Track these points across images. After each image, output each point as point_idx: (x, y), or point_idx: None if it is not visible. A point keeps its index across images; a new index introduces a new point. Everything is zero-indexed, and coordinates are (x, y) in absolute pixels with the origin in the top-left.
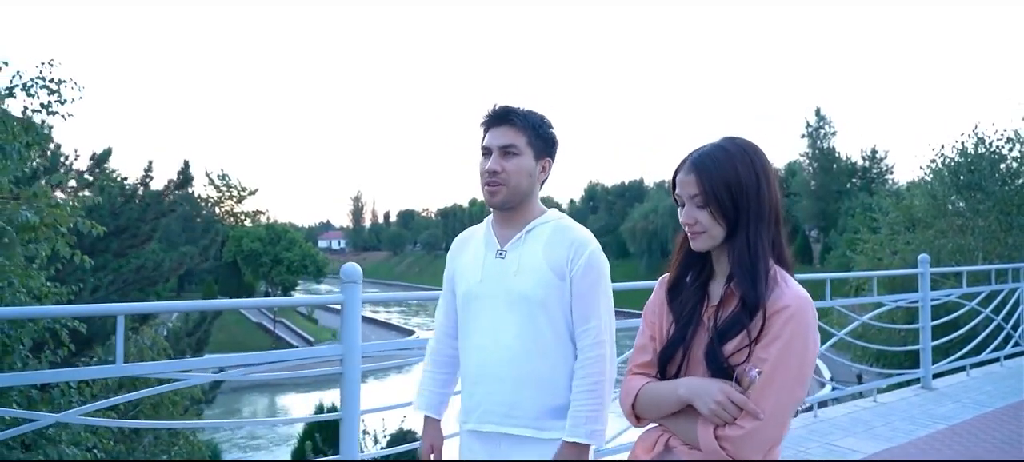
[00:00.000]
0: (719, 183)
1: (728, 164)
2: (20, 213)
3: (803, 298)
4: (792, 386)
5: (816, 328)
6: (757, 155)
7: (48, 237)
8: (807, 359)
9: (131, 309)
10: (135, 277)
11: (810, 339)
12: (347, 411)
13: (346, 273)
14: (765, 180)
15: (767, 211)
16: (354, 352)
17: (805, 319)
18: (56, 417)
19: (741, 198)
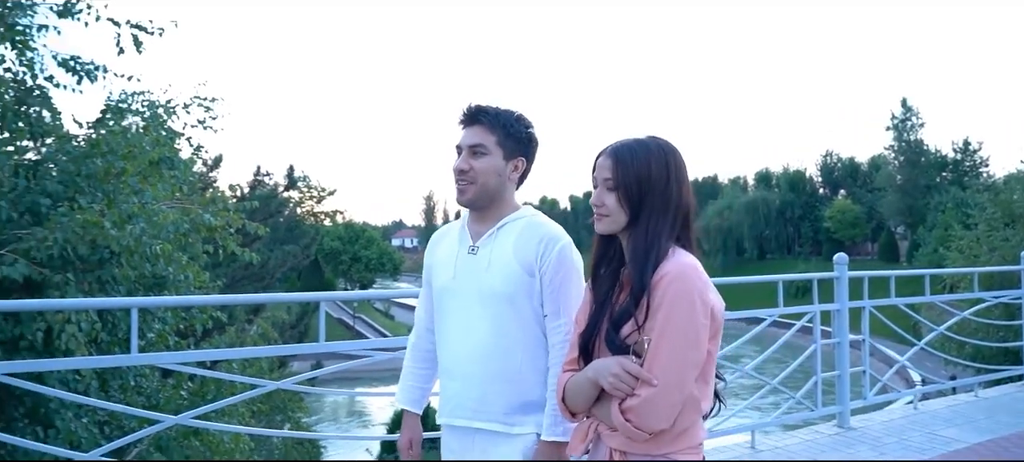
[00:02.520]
0: (631, 172)
1: (643, 157)
2: (202, 216)
3: (685, 264)
4: (682, 348)
5: (705, 291)
6: (673, 156)
7: (222, 237)
8: (695, 320)
9: (247, 300)
10: (244, 273)
11: (696, 301)
12: None
13: None
14: (675, 180)
15: (672, 208)
16: None
17: (687, 282)
18: (176, 419)
19: (648, 190)
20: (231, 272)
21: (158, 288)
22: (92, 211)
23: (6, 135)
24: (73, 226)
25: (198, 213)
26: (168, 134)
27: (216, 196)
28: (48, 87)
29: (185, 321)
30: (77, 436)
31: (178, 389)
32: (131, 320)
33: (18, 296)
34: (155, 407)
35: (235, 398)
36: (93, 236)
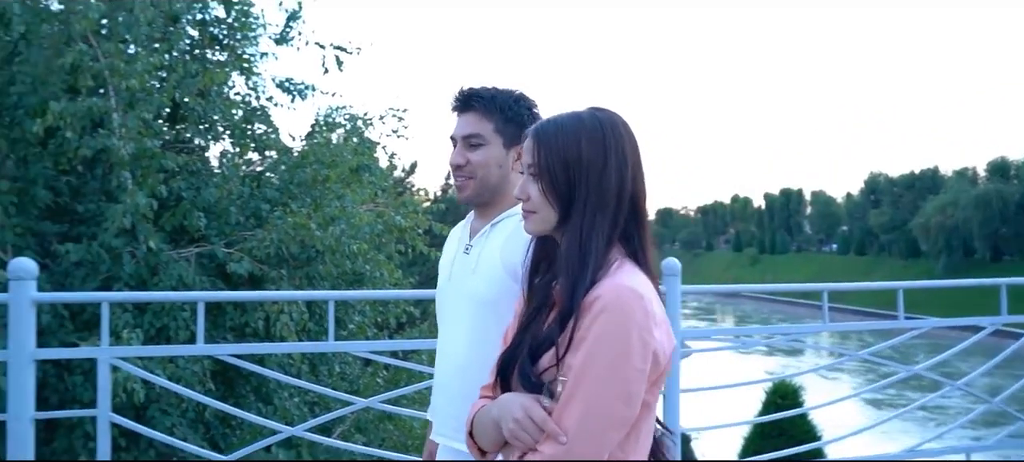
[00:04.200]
0: (556, 157)
1: (572, 136)
2: (393, 218)
3: (625, 288)
4: (604, 402)
5: (647, 328)
6: (613, 131)
7: (411, 237)
8: (626, 367)
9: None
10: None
11: (633, 341)
12: (669, 389)
13: (668, 267)
14: (615, 163)
15: (610, 200)
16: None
17: (622, 314)
18: (366, 402)
19: (579, 178)
20: (424, 270)
21: (357, 284)
22: (301, 214)
23: (237, 150)
24: (286, 228)
25: (390, 215)
26: (366, 144)
27: (406, 199)
28: (268, 106)
29: (382, 314)
30: (290, 413)
31: (375, 376)
32: (328, 311)
33: (244, 289)
34: (355, 392)
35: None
36: (302, 237)
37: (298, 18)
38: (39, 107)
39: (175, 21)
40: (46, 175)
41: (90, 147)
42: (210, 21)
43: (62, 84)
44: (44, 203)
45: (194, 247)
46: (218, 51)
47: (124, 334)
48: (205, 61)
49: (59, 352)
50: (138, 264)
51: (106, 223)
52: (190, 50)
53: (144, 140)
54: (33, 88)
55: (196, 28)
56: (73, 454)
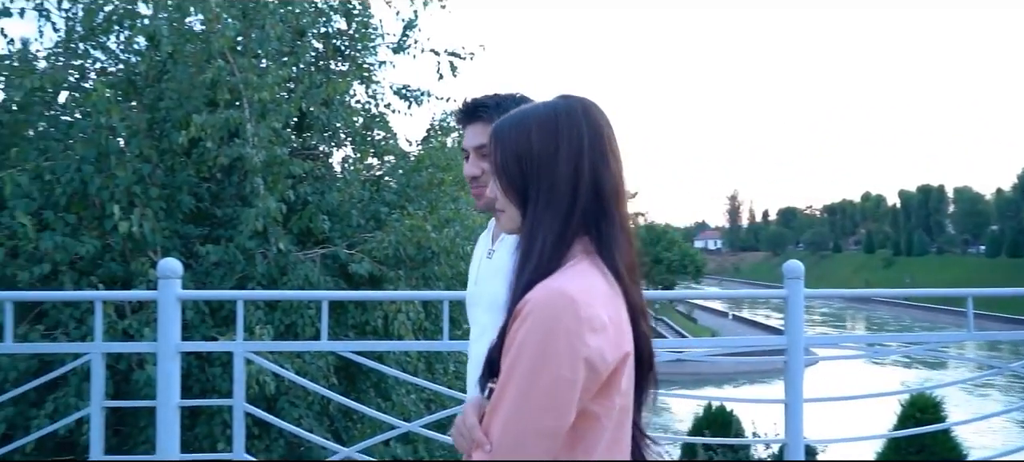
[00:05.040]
0: (510, 151)
1: (524, 128)
2: None
3: (554, 290)
4: (525, 409)
5: (580, 333)
6: (569, 117)
7: None
8: (549, 373)
9: None
10: None
11: (560, 346)
12: (792, 398)
13: (789, 270)
14: (568, 153)
15: (562, 194)
16: (798, 343)
17: (550, 318)
18: None
19: (531, 172)
20: None
21: None
22: (418, 217)
23: (358, 155)
24: (403, 230)
25: None
26: None
27: None
28: (387, 113)
29: None
30: (408, 409)
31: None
32: (443, 311)
33: (364, 288)
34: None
35: None
36: (418, 238)
37: (414, 27)
38: (184, 120)
39: (302, 35)
40: (189, 182)
41: (227, 155)
42: (333, 34)
43: (203, 98)
44: (188, 208)
45: (319, 248)
46: (340, 62)
47: (257, 330)
48: (329, 72)
49: (200, 345)
50: (269, 264)
51: (241, 226)
52: (315, 62)
53: (274, 148)
54: (179, 103)
55: (320, 41)
56: (213, 440)
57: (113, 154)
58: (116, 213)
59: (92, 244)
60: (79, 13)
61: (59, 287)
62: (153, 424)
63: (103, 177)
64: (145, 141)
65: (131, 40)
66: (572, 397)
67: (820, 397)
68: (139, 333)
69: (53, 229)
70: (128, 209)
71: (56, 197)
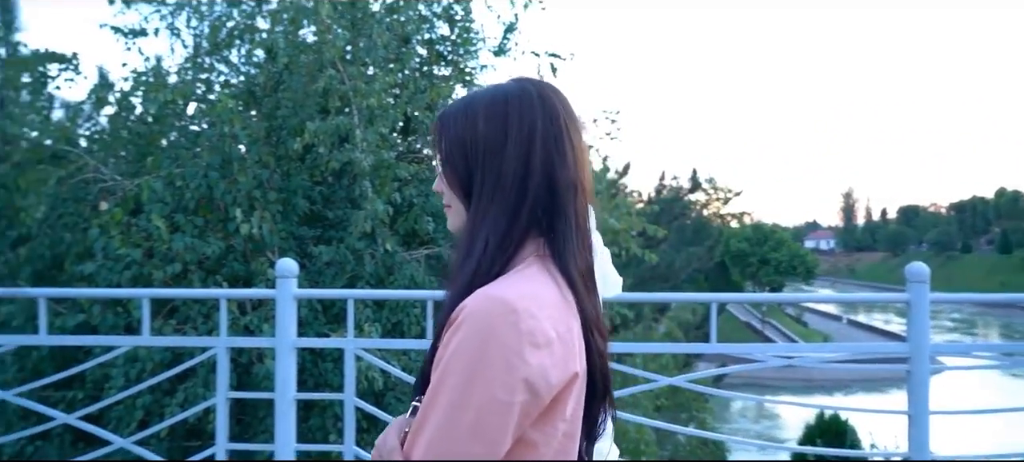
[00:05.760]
0: (454, 139)
1: (471, 114)
2: (607, 220)
3: (491, 298)
4: (450, 433)
5: (519, 350)
6: (520, 103)
7: (624, 239)
8: (480, 392)
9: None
10: (651, 274)
11: (495, 364)
12: (916, 409)
13: (913, 273)
14: (517, 139)
15: (508, 187)
16: (922, 350)
17: (478, 331)
18: None
19: (475, 162)
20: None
21: None
22: None
23: None
24: None
25: (603, 217)
26: None
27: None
28: None
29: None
30: None
31: None
32: None
33: None
34: None
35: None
36: None
37: (515, 29)
38: (298, 127)
39: (406, 42)
40: (304, 186)
41: (338, 160)
42: (436, 40)
43: (316, 106)
44: (302, 211)
45: (423, 249)
46: (443, 67)
47: (366, 327)
48: (432, 77)
49: (314, 342)
50: (377, 264)
51: (351, 227)
52: (419, 68)
53: (381, 152)
54: (294, 111)
55: (424, 47)
56: (325, 432)
57: (235, 161)
58: (238, 216)
59: (217, 245)
60: (205, 30)
61: (189, 285)
62: (272, 415)
63: (227, 182)
64: (264, 148)
65: (251, 53)
66: (506, 422)
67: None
68: (259, 329)
69: (183, 231)
70: (249, 212)
71: (186, 201)
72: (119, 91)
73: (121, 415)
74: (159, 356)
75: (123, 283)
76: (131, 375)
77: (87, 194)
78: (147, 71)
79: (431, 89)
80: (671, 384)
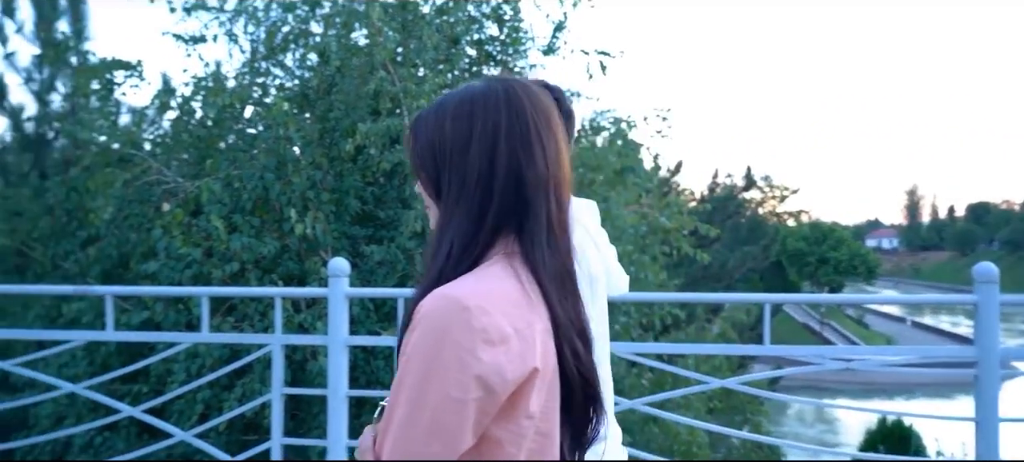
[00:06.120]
0: (424, 141)
1: (440, 115)
2: (658, 219)
3: (446, 298)
4: (408, 431)
5: (472, 348)
6: (486, 102)
7: (676, 238)
8: (434, 390)
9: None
10: (703, 274)
11: (448, 363)
12: (984, 415)
13: (981, 273)
14: (482, 137)
15: (473, 187)
16: (992, 355)
17: (439, 331)
18: (628, 404)
19: (443, 163)
20: (691, 272)
21: None
22: None
23: None
24: None
25: (655, 216)
26: (629, 146)
27: (671, 200)
28: None
29: (647, 316)
30: None
31: (639, 377)
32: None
33: None
34: (620, 392)
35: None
36: None
37: (563, 28)
38: (350, 129)
39: (456, 43)
40: (356, 187)
41: (389, 161)
42: (485, 40)
43: (367, 108)
44: (354, 211)
45: None
46: (492, 67)
47: None
48: (481, 77)
49: (366, 339)
50: None
51: (402, 227)
52: (468, 68)
53: None
54: (346, 113)
55: (474, 48)
56: None
57: (290, 162)
58: (293, 216)
59: (273, 245)
60: (261, 35)
61: (246, 284)
62: (325, 411)
63: (282, 183)
64: (317, 149)
65: (305, 57)
66: (462, 420)
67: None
68: (312, 327)
69: (241, 231)
70: (303, 212)
71: (243, 202)
72: (181, 96)
73: (182, 409)
74: (218, 352)
75: (184, 281)
76: (192, 370)
77: (151, 196)
78: (207, 76)
79: None
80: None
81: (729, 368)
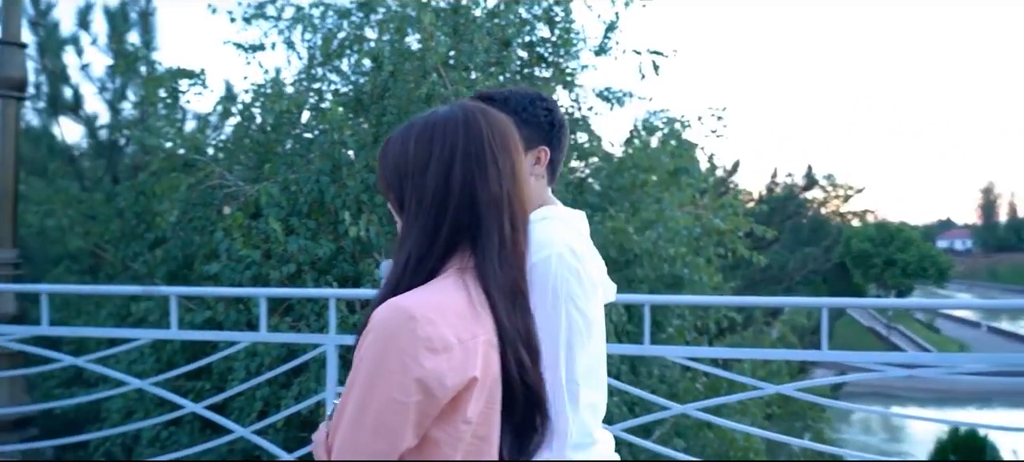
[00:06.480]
0: (390, 163)
1: (406, 138)
2: (712, 221)
3: (394, 307)
4: (355, 430)
5: (416, 354)
6: (445, 125)
7: (731, 240)
8: (379, 393)
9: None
10: (762, 276)
11: (391, 367)
12: None
13: None
14: (439, 158)
15: (429, 200)
16: None
17: (380, 336)
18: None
19: (405, 183)
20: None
21: (675, 287)
22: (619, 219)
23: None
24: (606, 232)
25: (709, 218)
26: (683, 146)
27: (725, 201)
28: (589, 116)
29: (701, 319)
30: (610, 412)
31: (693, 381)
32: (644, 315)
33: None
34: (674, 396)
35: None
36: (620, 240)
37: (615, 28)
38: None
39: (507, 46)
40: None
41: None
42: (537, 42)
43: (420, 112)
44: None
45: None
46: (544, 69)
47: None
48: (532, 79)
49: None
50: None
51: None
52: (520, 70)
53: None
54: (399, 117)
55: (525, 50)
56: None
57: (344, 166)
58: (347, 219)
59: (328, 247)
60: (318, 42)
61: (302, 285)
62: None
63: (337, 187)
64: (371, 153)
65: (359, 63)
66: (403, 420)
67: None
68: None
69: (297, 234)
70: (357, 215)
71: (300, 205)
72: (241, 102)
73: (243, 405)
74: (276, 351)
75: (244, 282)
76: (251, 368)
77: (213, 199)
78: (266, 83)
79: None
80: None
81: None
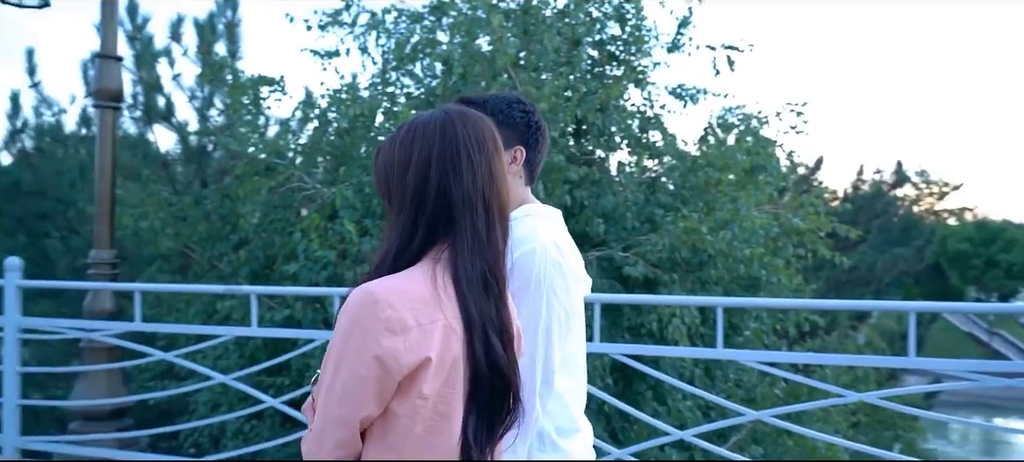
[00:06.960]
0: (381, 164)
1: (394, 140)
2: (790, 220)
3: (361, 291)
4: (327, 398)
5: (376, 334)
6: (425, 128)
7: (811, 240)
8: (343, 366)
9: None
10: (848, 278)
11: (355, 344)
12: None
13: None
14: (418, 159)
15: (409, 197)
16: None
17: (348, 316)
18: (756, 415)
19: (391, 182)
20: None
21: (752, 289)
22: (693, 218)
23: (633, 159)
24: (677, 232)
25: (787, 217)
26: (760, 143)
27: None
28: (662, 114)
29: (780, 322)
30: (684, 416)
31: (772, 387)
32: (717, 318)
33: (639, 291)
34: (750, 401)
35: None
36: (693, 241)
37: (688, 23)
38: None
39: (577, 45)
40: None
41: None
42: (607, 40)
43: None
44: None
45: (594, 251)
46: (615, 67)
47: None
48: (603, 78)
49: None
50: None
51: None
52: (590, 69)
53: (552, 155)
54: None
55: (595, 48)
56: None
57: None
58: None
59: None
60: (391, 47)
61: None
62: None
63: None
64: None
65: (431, 66)
66: (365, 392)
67: None
68: None
69: (371, 235)
70: None
71: (373, 207)
72: (318, 108)
73: None
74: None
75: (320, 282)
76: None
77: (293, 202)
78: (342, 88)
79: (603, 90)
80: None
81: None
